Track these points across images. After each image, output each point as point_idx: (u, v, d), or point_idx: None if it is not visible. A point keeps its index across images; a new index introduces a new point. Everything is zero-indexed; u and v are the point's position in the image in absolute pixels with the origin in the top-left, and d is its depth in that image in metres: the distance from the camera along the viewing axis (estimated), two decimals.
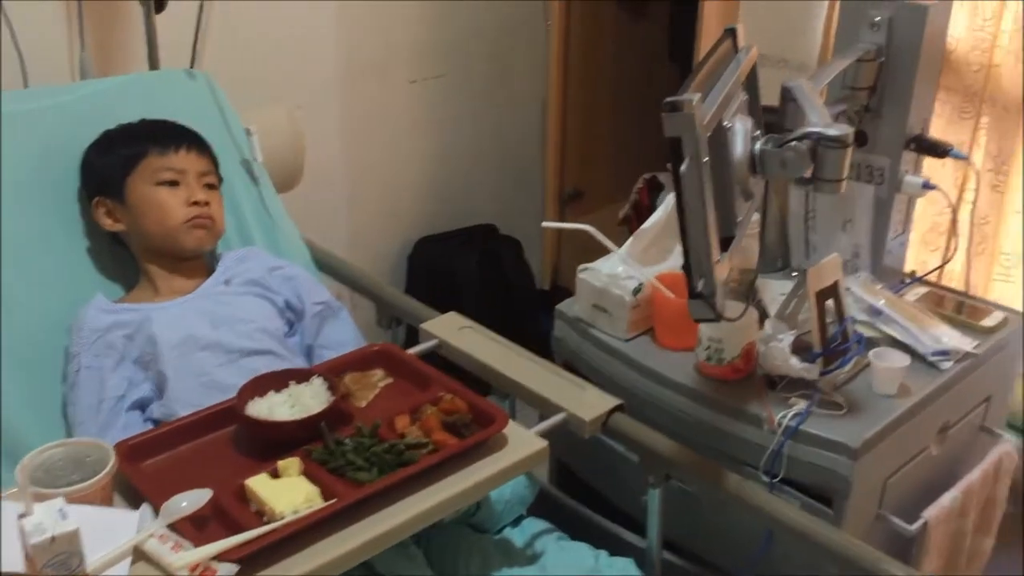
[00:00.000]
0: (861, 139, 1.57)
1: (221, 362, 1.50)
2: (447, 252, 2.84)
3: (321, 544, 1.15)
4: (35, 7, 1.94)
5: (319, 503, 1.18)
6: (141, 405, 1.48)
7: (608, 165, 3.17)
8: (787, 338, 1.43)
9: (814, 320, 1.41)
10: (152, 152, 1.59)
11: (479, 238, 2.93)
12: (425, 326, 1.61)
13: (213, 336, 1.53)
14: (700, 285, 1.12)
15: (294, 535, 1.14)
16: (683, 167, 1.07)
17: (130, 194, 1.58)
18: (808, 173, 1.24)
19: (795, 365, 1.40)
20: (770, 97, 1.45)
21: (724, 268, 1.18)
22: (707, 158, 1.09)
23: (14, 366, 1.50)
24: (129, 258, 1.66)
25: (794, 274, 1.72)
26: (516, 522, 1.55)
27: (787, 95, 1.35)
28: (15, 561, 1.01)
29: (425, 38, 2.70)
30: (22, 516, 0.99)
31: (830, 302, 1.45)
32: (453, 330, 1.60)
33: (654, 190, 2.99)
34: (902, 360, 1.44)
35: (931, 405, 1.47)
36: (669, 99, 1.07)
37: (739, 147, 1.23)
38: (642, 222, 1.67)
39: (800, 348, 1.45)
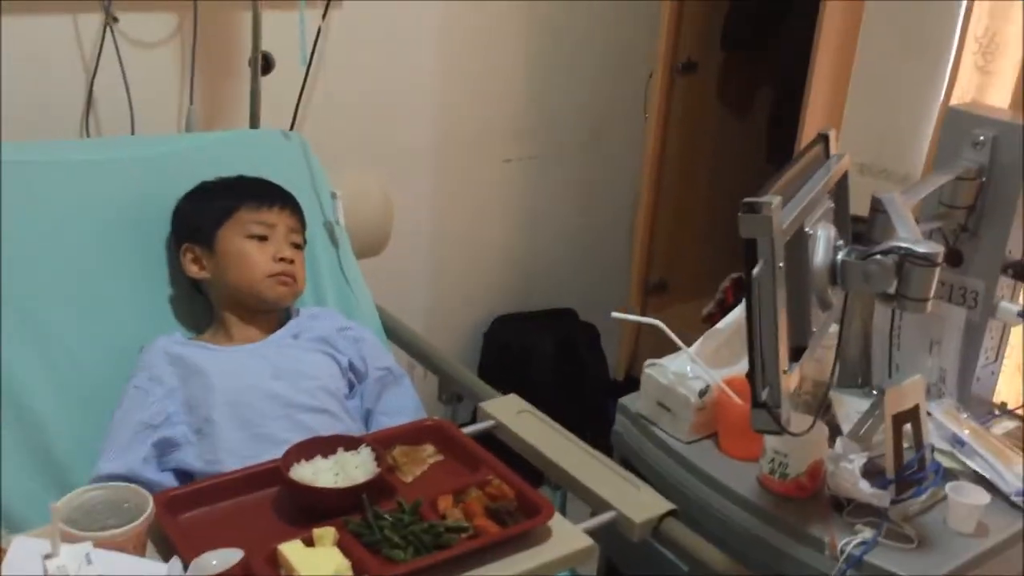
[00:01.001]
0: (955, 259, 1.50)
1: (276, 415, 1.50)
2: (524, 332, 2.83)
3: None
4: (150, 59, 2.02)
5: None
6: (166, 445, 1.48)
7: (696, 260, 3.12)
8: (859, 459, 1.35)
9: (889, 444, 1.33)
10: (246, 206, 1.63)
11: (557, 322, 2.91)
12: (483, 406, 1.58)
13: (273, 387, 1.54)
14: (764, 395, 1.07)
15: None
16: (756, 270, 1.03)
17: (219, 244, 1.62)
18: (892, 289, 1.18)
19: (865, 489, 1.32)
20: (862, 207, 1.41)
21: (793, 379, 1.13)
22: (782, 263, 1.05)
23: (79, 403, 1.53)
24: (206, 307, 1.69)
25: (874, 392, 1.64)
26: None
27: (877, 206, 1.30)
28: None
29: (523, 118, 2.72)
30: (48, 557, 0.98)
31: (908, 426, 1.37)
32: (511, 413, 1.57)
33: (740, 291, 2.93)
34: (982, 497, 1.35)
35: (1011, 549, 1.36)
36: (748, 199, 1.04)
37: (820, 255, 1.18)
38: None
39: (872, 472, 1.37)
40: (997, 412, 1.61)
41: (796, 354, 1.15)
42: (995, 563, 1.35)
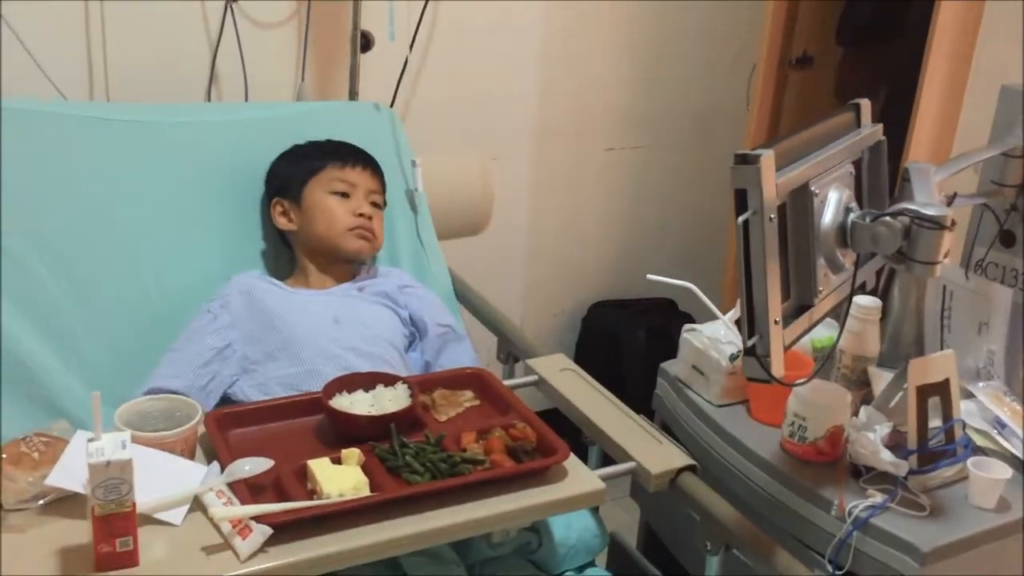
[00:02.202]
0: (1007, 239, 1.48)
1: (330, 356, 1.61)
2: (619, 320, 2.86)
3: (355, 530, 1.21)
4: (268, 38, 2.19)
5: (365, 493, 1.25)
6: (223, 371, 1.62)
7: None
8: (882, 429, 1.36)
9: (912, 415, 1.33)
10: (332, 165, 1.77)
11: (654, 311, 2.92)
12: (530, 362, 1.66)
13: (331, 331, 1.66)
14: (753, 343, 1.10)
15: (333, 516, 1.21)
16: (744, 218, 1.07)
17: (306, 198, 1.76)
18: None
19: (884, 458, 1.33)
20: None
21: (794, 332, 1.15)
22: (773, 216, 1.08)
23: (171, 326, 1.69)
24: (291, 260, 1.83)
25: None
26: (580, 569, 1.54)
27: (906, 175, 1.30)
28: (78, 480, 1.15)
29: (626, 108, 2.77)
30: (91, 440, 1.12)
31: (936, 400, 1.36)
32: (555, 370, 1.64)
33: None
34: (1003, 472, 1.33)
35: None
36: (740, 151, 1.08)
37: (829, 216, 1.20)
38: None
39: (896, 443, 1.37)
40: None
41: (800, 310, 1.18)
42: (1015, 539, 1.33)
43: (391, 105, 2.28)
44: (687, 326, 1.60)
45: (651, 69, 2.76)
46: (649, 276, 1.60)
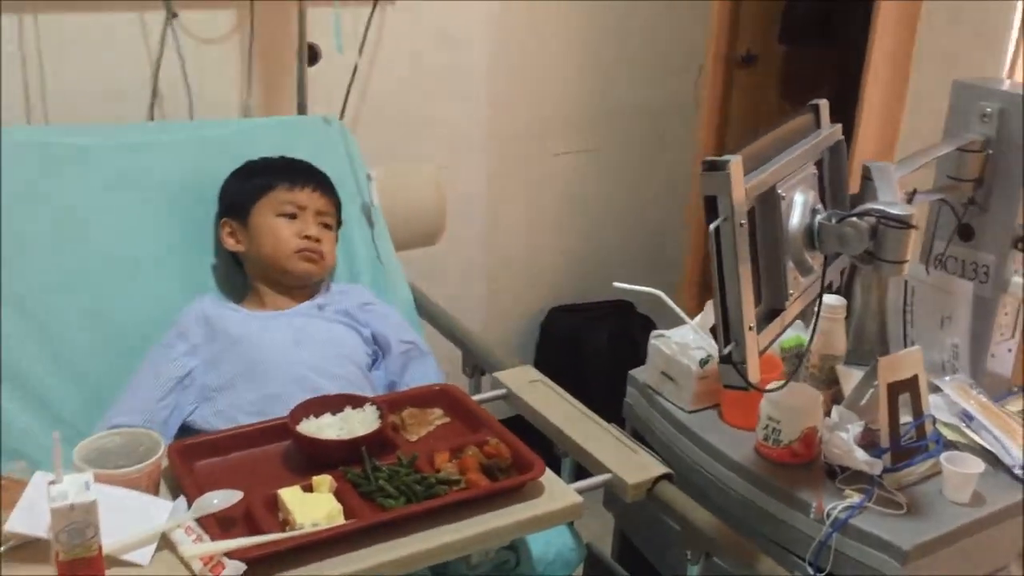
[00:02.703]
0: (966, 233, 1.49)
1: (294, 379, 1.58)
2: (579, 325, 2.85)
3: (331, 560, 1.18)
4: (211, 53, 2.14)
5: (340, 520, 1.22)
6: (183, 401, 1.58)
7: None
8: (855, 428, 1.36)
9: (883, 412, 1.34)
10: (281, 185, 1.73)
11: (614, 314, 2.92)
12: (497, 375, 1.64)
13: (293, 353, 1.62)
14: (729, 350, 1.10)
15: (308, 547, 1.17)
16: (715, 225, 1.06)
17: (253, 219, 1.72)
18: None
19: (858, 457, 1.33)
20: None
21: (767, 337, 1.15)
22: (744, 221, 1.08)
23: (122, 364, 1.64)
24: (243, 278, 1.79)
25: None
26: None
27: (867, 174, 1.30)
28: (40, 524, 1.10)
29: (576, 112, 2.76)
30: (52, 483, 1.07)
31: (905, 396, 1.37)
32: (523, 383, 1.62)
33: None
34: (975, 466, 1.34)
35: (1009, 520, 1.35)
36: (708, 158, 1.07)
37: (796, 219, 1.20)
38: None
39: (869, 441, 1.37)
40: (1016, 389, 1.59)
41: (771, 315, 1.17)
42: (991, 533, 1.34)
43: (340, 117, 2.25)
44: (655, 332, 1.59)
45: (600, 71, 2.75)
46: (616, 284, 1.59)
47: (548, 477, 1.34)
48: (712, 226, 1.06)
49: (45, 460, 1.52)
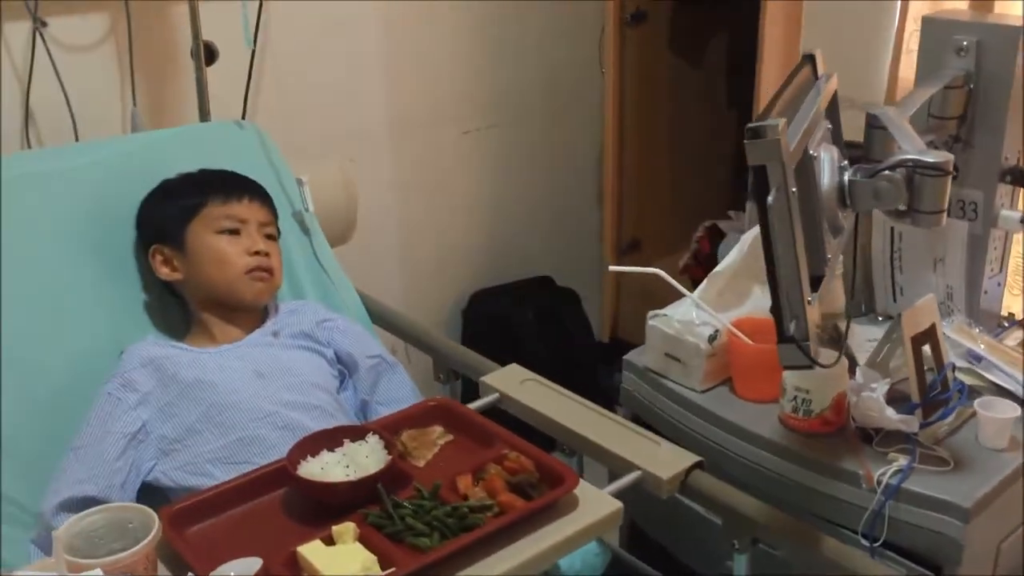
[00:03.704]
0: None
1: (263, 416, 1.43)
2: (503, 305, 2.77)
3: None
4: (84, 62, 1.92)
5: (377, 571, 1.09)
6: (141, 459, 1.42)
7: (665, 215, 3.08)
8: (881, 387, 1.31)
9: (911, 368, 1.29)
10: (213, 200, 1.55)
11: (536, 291, 2.85)
12: (486, 379, 1.52)
13: (257, 388, 1.47)
14: (792, 328, 1.02)
15: None
16: (770, 198, 0.97)
17: (189, 242, 1.54)
18: (903, 205, 1.14)
19: (892, 417, 1.28)
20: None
21: (816, 310, 1.07)
22: (795, 188, 1.00)
23: (50, 421, 1.46)
24: (182, 310, 1.61)
25: (880, 319, 1.61)
26: None
27: (873, 122, 1.25)
28: None
29: (476, 88, 2.65)
30: None
31: (926, 348, 1.33)
32: (515, 383, 1.51)
33: (715, 238, 2.89)
34: (1011, 410, 1.31)
35: None
36: (752, 125, 0.98)
37: (826, 178, 1.13)
38: (704, 270, 1.57)
39: (894, 398, 1.33)
40: (1007, 324, 1.58)
41: (815, 284, 1.10)
42: None
43: (242, 119, 2.07)
44: (652, 313, 1.51)
45: (496, 44, 2.64)
46: (611, 268, 1.49)
47: (580, 485, 1.24)
48: (769, 199, 0.97)
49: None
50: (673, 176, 3.07)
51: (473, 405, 1.46)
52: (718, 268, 1.51)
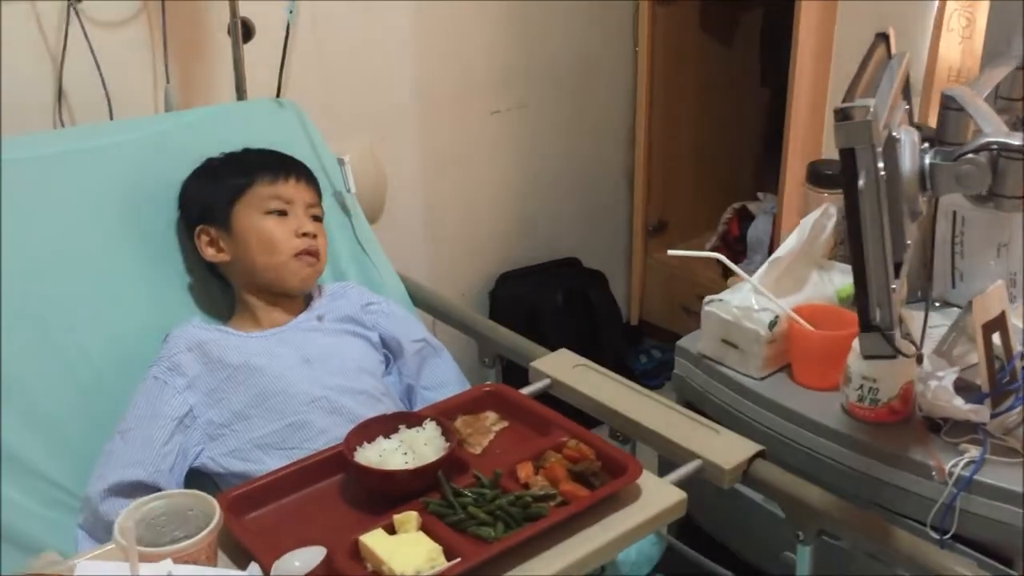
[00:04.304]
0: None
1: (312, 401, 1.41)
2: (531, 287, 2.73)
3: None
4: (117, 39, 1.88)
5: (442, 562, 1.06)
6: (188, 443, 1.40)
7: (692, 196, 3.05)
8: (949, 376, 1.28)
9: (981, 356, 1.26)
10: (260, 180, 1.52)
11: (563, 273, 2.82)
12: (536, 364, 1.49)
13: (305, 373, 1.44)
14: (877, 316, 0.99)
15: None
16: (862, 182, 0.94)
17: (236, 223, 1.50)
18: (985, 190, 1.10)
19: (962, 406, 1.25)
20: None
21: (899, 296, 1.04)
22: (884, 172, 0.96)
23: (95, 404, 1.44)
24: (225, 292, 1.58)
25: (936, 304, 1.57)
26: None
27: (949, 104, 1.21)
28: None
29: (505, 68, 2.60)
30: None
31: (995, 336, 1.30)
32: (566, 368, 1.48)
33: (744, 220, 2.86)
34: None
35: None
36: (841, 106, 0.95)
37: (907, 161, 1.09)
38: (731, 253, 1.55)
39: (962, 388, 1.30)
40: None
41: (896, 270, 1.07)
42: None
43: (276, 97, 2.03)
44: (708, 298, 1.48)
45: (526, 24, 2.59)
46: (671, 252, 1.45)
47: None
48: (860, 183, 0.94)
49: (39, 533, 1.32)
50: (701, 156, 3.03)
51: (525, 391, 1.44)
52: (778, 253, 1.47)
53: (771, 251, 2.65)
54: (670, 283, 2.90)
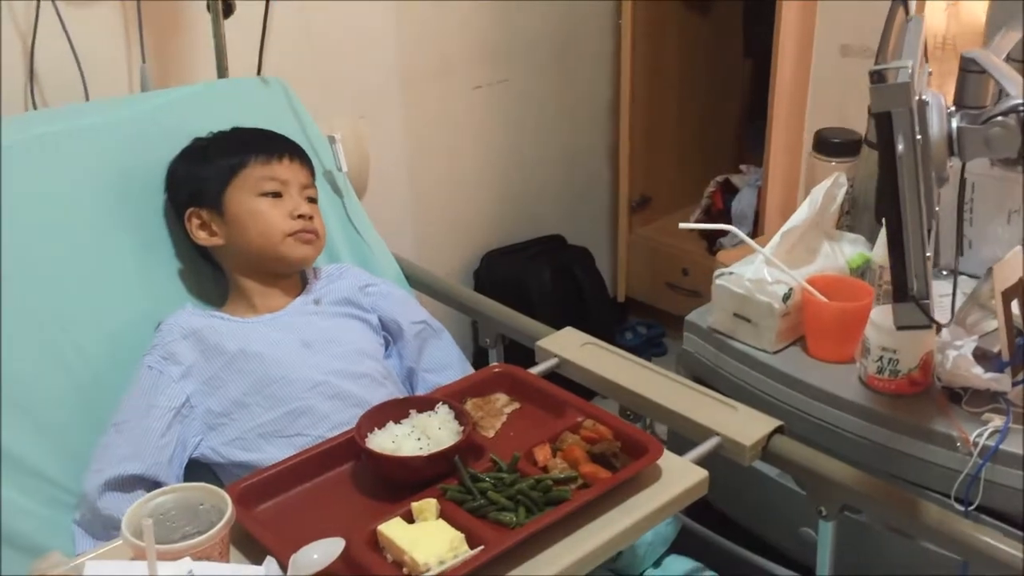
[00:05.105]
0: None
1: (314, 387, 1.36)
2: (516, 265, 2.69)
3: None
4: (89, 17, 1.81)
5: (465, 550, 1.02)
6: (187, 434, 1.35)
7: (674, 170, 3.02)
8: (968, 345, 1.26)
9: (1002, 323, 1.24)
10: (253, 161, 1.46)
11: (548, 250, 2.78)
12: (542, 343, 1.45)
13: (305, 358, 1.39)
14: (915, 286, 0.96)
15: None
16: (900, 147, 0.91)
17: (229, 205, 1.45)
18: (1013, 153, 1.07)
19: (982, 375, 1.23)
20: (853, 91, 1.27)
21: (929, 264, 1.01)
22: (920, 136, 0.93)
23: (87, 394, 1.38)
24: (216, 275, 1.53)
25: (944, 272, 1.55)
26: (657, 563, 1.39)
27: (968, 66, 1.18)
28: None
29: (487, 42, 2.55)
30: None
31: (1015, 304, 1.28)
32: (574, 347, 1.44)
33: (728, 193, 2.84)
34: None
35: None
36: (875, 68, 0.91)
37: (935, 126, 1.06)
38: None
39: (980, 357, 1.28)
40: None
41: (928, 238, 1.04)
42: None
43: (257, 75, 1.97)
44: (719, 271, 1.44)
45: None
46: (681, 225, 1.42)
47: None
48: (899, 148, 0.91)
49: (35, 532, 1.27)
50: (683, 129, 3.01)
51: (533, 370, 1.40)
52: (791, 223, 1.44)
53: (756, 223, 2.65)
54: (654, 259, 2.87)
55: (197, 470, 1.35)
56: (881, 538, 1.30)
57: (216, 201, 1.45)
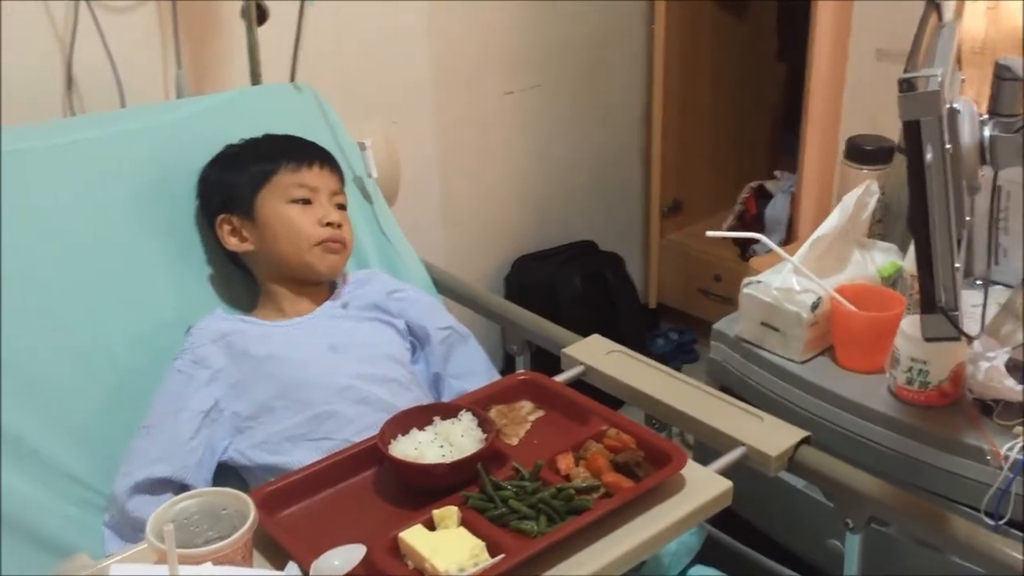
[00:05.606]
0: None
1: (340, 391, 1.37)
2: (548, 271, 2.69)
3: None
4: (126, 24, 1.83)
5: (485, 559, 1.02)
6: (215, 437, 1.36)
7: (707, 175, 3.00)
8: (1000, 356, 1.24)
9: None
10: (284, 167, 1.48)
11: (580, 256, 2.78)
12: (568, 351, 1.45)
13: (332, 362, 1.40)
14: (943, 298, 0.94)
15: None
16: (929, 157, 0.89)
17: (260, 211, 1.46)
18: None
19: (1014, 387, 1.21)
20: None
21: (959, 274, 1.00)
22: (950, 144, 0.92)
23: (117, 400, 1.39)
24: (247, 281, 1.54)
25: (977, 282, 1.53)
26: (682, 573, 1.38)
27: (1003, 74, 1.16)
28: None
29: (519, 48, 2.55)
30: None
31: None
32: (600, 355, 1.44)
33: (762, 199, 2.82)
34: None
35: None
36: (904, 76, 0.90)
37: (966, 134, 1.05)
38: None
39: (1011, 368, 1.26)
40: None
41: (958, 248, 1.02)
42: None
43: (290, 81, 1.98)
44: (747, 279, 1.43)
45: (541, 2, 2.54)
46: (709, 232, 1.41)
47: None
48: (928, 157, 0.89)
49: (66, 533, 1.28)
50: (716, 135, 2.99)
51: (559, 378, 1.40)
52: (820, 232, 1.43)
53: (790, 230, 2.63)
54: (686, 265, 2.86)
55: (225, 473, 1.36)
56: (909, 551, 1.28)
57: (247, 207, 1.46)
